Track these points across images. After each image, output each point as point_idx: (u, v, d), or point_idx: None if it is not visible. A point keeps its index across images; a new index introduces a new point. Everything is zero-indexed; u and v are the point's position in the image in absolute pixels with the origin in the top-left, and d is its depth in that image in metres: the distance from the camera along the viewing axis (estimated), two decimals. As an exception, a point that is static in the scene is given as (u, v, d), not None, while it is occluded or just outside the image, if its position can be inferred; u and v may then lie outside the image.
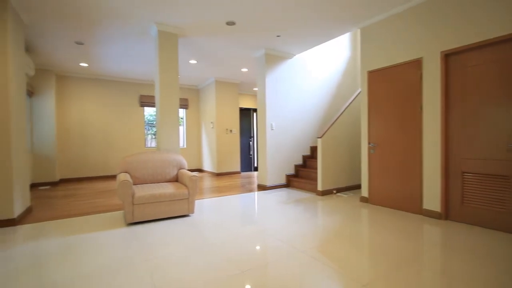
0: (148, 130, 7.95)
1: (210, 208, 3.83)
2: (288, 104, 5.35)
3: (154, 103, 7.53)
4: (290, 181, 5.42)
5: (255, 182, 6.12)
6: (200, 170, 8.40)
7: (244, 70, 6.43)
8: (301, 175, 5.43)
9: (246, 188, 5.42)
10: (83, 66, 6.00)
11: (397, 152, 3.57)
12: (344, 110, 4.86)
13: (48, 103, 5.99)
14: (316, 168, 5.13)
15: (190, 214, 3.47)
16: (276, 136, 5.21)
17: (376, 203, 3.85)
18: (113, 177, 7.06)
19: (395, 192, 3.60)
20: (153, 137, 8.58)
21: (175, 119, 4.12)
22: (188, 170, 6.32)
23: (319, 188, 4.56)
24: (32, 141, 5.87)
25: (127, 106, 7.30)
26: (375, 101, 3.84)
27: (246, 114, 8.61)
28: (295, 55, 5.38)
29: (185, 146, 8.28)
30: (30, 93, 5.68)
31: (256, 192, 4.96)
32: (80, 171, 6.74)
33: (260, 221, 3.20)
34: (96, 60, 5.59)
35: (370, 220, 3.18)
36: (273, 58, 5.14)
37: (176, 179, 3.84)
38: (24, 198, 3.51)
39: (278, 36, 4.40)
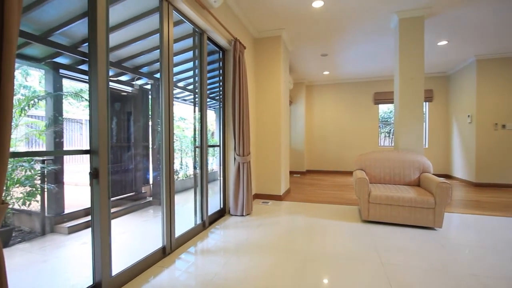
0: (382, 128, 7.65)
1: (465, 227, 2.93)
2: None
3: (389, 99, 7.10)
4: None
5: (554, 205, 3.91)
6: (447, 176, 6.78)
7: (534, 34, 4.28)
8: None
9: (533, 211, 3.61)
10: (325, 74, 6.92)
11: None
12: None
13: (300, 108, 7.55)
14: None
15: (436, 228, 2.86)
16: None
17: None
18: (347, 173, 7.54)
19: None
20: (387, 135, 8.14)
21: (418, 114, 3.57)
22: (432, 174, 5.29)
23: None
24: (291, 139, 7.69)
25: (361, 105, 7.48)
26: None
27: (533, 101, 5.74)
28: None
29: (426, 146, 7.06)
30: (290, 102, 7.45)
31: (557, 221, 3.15)
32: (321, 164, 7.86)
33: None
34: (336, 67, 6.22)
35: None
36: None
37: (417, 183, 3.34)
38: (286, 181, 4.65)
39: None
